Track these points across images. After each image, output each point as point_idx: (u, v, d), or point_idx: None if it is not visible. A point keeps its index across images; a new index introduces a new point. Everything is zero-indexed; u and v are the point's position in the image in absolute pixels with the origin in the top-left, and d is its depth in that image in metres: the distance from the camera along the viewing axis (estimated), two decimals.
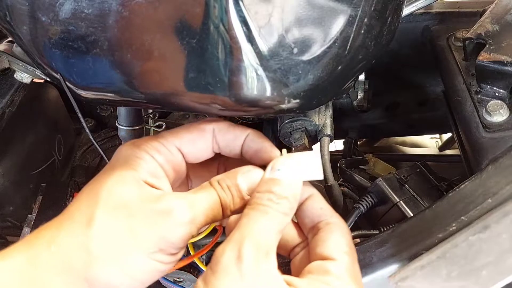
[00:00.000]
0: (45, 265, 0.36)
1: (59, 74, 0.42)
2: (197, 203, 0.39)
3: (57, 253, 0.37)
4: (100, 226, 0.37)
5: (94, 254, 0.36)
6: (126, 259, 0.36)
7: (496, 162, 0.45)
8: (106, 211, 0.38)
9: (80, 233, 0.37)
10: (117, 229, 0.37)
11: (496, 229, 0.38)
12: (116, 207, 0.38)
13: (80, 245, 0.37)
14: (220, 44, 0.37)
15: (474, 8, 0.66)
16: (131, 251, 0.36)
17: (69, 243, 0.37)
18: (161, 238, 0.37)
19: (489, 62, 0.50)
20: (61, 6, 0.37)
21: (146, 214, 0.38)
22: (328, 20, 0.37)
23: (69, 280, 0.36)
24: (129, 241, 0.37)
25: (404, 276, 0.41)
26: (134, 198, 0.38)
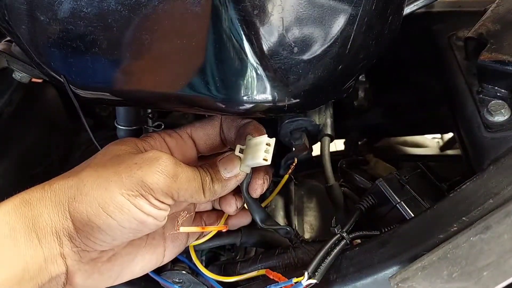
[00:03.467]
0: (37, 202, 0.39)
1: (62, 76, 0.42)
2: (184, 167, 0.42)
3: (49, 191, 0.40)
4: (91, 170, 0.41)
5: (81, 191, 0.39)
6: (106, 196, 0.38)
7: (498, 162, 0.45)
8: (99, 160, 0.42)
9: (73, 176, 0.41)
10: (105, 172, 0.40)
11: (498, 229, 0.38)
12: (110, 158, 0.42)
13: (71, 185, 0.40)
14: (220, 43, 0.36)
15: (475, 7, 0.65)
16: (112, 190, 0.39)
17: (61, 184, 0.41)
18: (142, 181, 0.39)
19: (490, 61, 0.49)
20: (59, 5, 0.37)
21: (134, 161, 0.40)
22: (329, 19, 0.37)
23: (55, 214, 0.39)
24: (112, 182, 0.39)
25: (405, 277, 0.40)
26: (127, 152, 0.42)
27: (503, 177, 0.43)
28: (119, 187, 0.39)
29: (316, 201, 0.71)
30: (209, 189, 0.43)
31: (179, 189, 0.40)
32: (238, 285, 0.53)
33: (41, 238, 0.39)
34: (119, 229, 0.39)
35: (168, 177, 0.40)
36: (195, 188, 0.42)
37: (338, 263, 0.47)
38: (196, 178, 0.42)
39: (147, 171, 0.39)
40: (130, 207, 0.39)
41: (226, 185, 0.45)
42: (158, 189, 0.39)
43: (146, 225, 0.40)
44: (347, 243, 0.47)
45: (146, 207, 0.39)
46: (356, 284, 0.44)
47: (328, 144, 0.56)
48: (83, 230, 0.39)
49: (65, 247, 0.40)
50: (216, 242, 0.54)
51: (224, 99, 0.40)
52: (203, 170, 0.44)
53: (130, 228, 0.40)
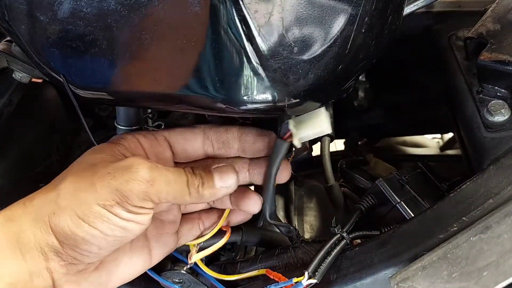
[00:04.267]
0: (19, 218, 0.40)
1: (62, 76, 0.42)
2: (162, 171, 0.41)
3: (30, 207, 0.41)
4: (67, 182, 0.41)
5: (59, 206, 0.40)
6: (85, 209, 0.39)
7: (498, 162, 0.45)
8: (76, 171, 0.42)
9: (51, 190, 0.41)
10: (81, 183, 0.40)
11: (498, 229, 0.38)
12: (85, 168, 0.42)
13: (50, 199, 0.41)
14: (219, 43, 0.36)
15: (475, 7, 0.66)
16: (90, 202, 0.39)
17: (41, 199, 0.41)
18: (117, 190, 0.39)
19: (490, 61, 0.49)
20: (59, 5, 0.37)
21: (108, 170, 0.41)
22: (329, 19, 0.37)
23: (37, 229, 0.40)
24: (89, 194, 0.39)
25: (405, 277, 0.40)
26: (103, 160, 0.42)
27: (503, 177, 0.43)
28: (95, 198, 0.39)
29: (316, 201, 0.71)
30: (196, 192, 0.43)
31: (158, 192, 0.41)
32: (238, 285, 0.53)
33: (25, 253, 0.39)
34: (103, 237, 0.40)
35: (143, 183, 0.40)
36: (177, 190, 0.42)
37: (338, 263, 0.47)
38: (178, 180, 0.42)
39: (120, 180, 0.40)
40: (109, 215, 0.39)
41: (215, 194, 0.45)
42: (133, 196, 0.39)
43: (129, 231, 0.41)
44: (347, 243, 0.48)
45: (124, 214, 0.40)
46: (356, 284, 0.44)
47: (328, 144, 0.56)
48: (67, 243, 0.40)
49: (52, 262, 0.40)
50: (217, 241, 0.54)
51: (223, 99, 0.40)
52: (193, 173, 0.44)
53: (114, 236, 0.40)
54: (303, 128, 0.44)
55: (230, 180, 0.45)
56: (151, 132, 0.49)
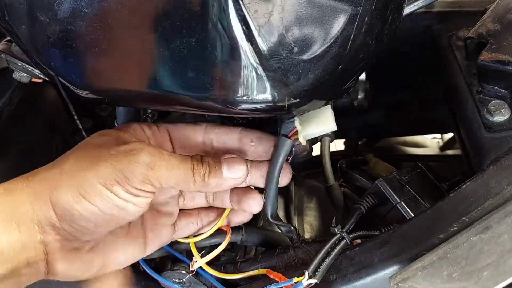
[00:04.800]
0: (19, 191, 0.41)
1: (55, 76, 0.42)
2: (164, 156, 0.42)
3: (32, 181, 0.41)
4: (72, 161, 0.42)
5: (61, 181, 0.41)
6: (86, 186, 0.40)
7: (498, 162, 0.45)
8: (81, 151, 0.43)
9: (55, 167, 0.42)
10: (84, 163, 0.41)
11: (498, 229, 0.38)
12: (90, 149, 0.43)
13: (52, 175, 0.42)
14: (219, 43, 0.36)
15: (475, 7, 0.65)
16: (91, 180, 0.40)
17: (43, 174, 0.42)
18: (118, 171, 0.40)
19: (490, 61, 0.49)
20: (59, 5, 0.37)
21: (111, 152, 0.42)
22: (329, 19, 0.37)
23: (36, 202, 0.40)
24: (91, 172, 0.41)
25: (405, 277, 0.40)
26: (108, 142, 0.44)
27: (503, 177, 0.43)
28: (97, 177, 0.40)
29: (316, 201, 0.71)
30: (202, 180, 0.44)
31: (159, 176, 0.41)
32: (238, 285, 0.53)
33: (21, 225, 0.40)
34: (101, 215, 0.41)
35: (143, 166, 0.41)
36: (180, 176, 0.43)
37: (338, 263, 0.47)
38: (182, 166, 0.43)
39: (123, 161, 0.41)
40: (109, 194, 0.40)
41: (222, 184, 0.45)
42: (133, 177, 0.41)
43: (127, 212, 0.42)
44: (347, 243, 0.48)
45: (124, 194, 0.41)
46: (356, 284, 0.44)
47: (328, 144, 0.56)
48: (65, 218, 0.40)
49: (47, 235, 0.40)
50: (217, 240, 0.54)
51: (223, 99, 0.40)
52: (201, 161, 0.44)
53: (112, 215, 0.41)
54: (309, 125, 0.45)
55: (239, 171, 0.45)
56: (154, 124, 0.50)
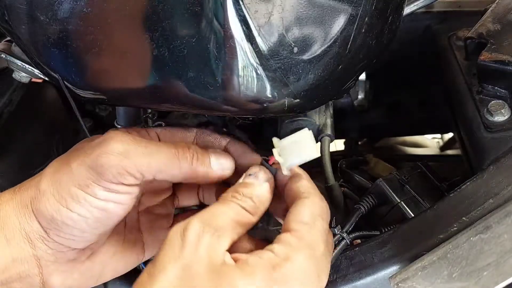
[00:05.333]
0: (5, 204, 0.40)
1: (57, 74, 0.42)
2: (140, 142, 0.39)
3: (17, 193, 0.41)
4: (50, 168, 0.41)
5: (39, 190, 0.39)
6: (61, 191, 0.38)
7: (498, 162, 0.45)
8: (62, 157, 0.41)
9: (37, 176, 0.41)
10: (60, 166, 0.40)
11: (498, 229, 0.38)
12: (68, 153, 0.42)
13: (32, 184, 0.41)
14: (219, 43, 0.36)
15: (475, 7, 0.66)
16: (66, 183, 0.38)
17: (25, 185, 0.41)
18: (90, 168, 0.38)
19: (490, 61, 0.49)
20: (59, 5, 0.37)
21: (84, 149, 0.40)
22: (329, 19, 0.37)
23: (21, 215, 0.39)
24: (65, 175, 0.39)
25: (405, 277, 0.40)
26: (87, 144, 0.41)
27: (503, 177, 0.43)
28: (71, 179, 0.38)
29: None
30: (189, 165, 0.41)
31: (137, 165, 0.38)
32: None
33: (10, 239, 0.39)
34: (83, 220, 0.39)
35: (115, 156, 0.38)
36: (162, 162, 0.39)
37: (338, 263, 0.47)
38: (164, 151, 0.40)
39: (94, 156, 0.38)
40: (86, 196, 0.38)
41: (209, 174, 0.42)
42: (107, 172, 0.37)
43: (109, 212, 0.39)
44: (347, 243, 0.47)
45: (102, 193, 0.38)
46: (356, 284, 0.44)
47: (328, 144, 0.56)
48: (50, 228, 0.39)
49: (38, 250, 0.39)
50: None
51: (223, 99, 0.40)
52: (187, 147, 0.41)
53: (94, 218, 0.39)
54: (290, 156, 0.42)
55: (227, 163, 0.43)
56: (144, 128, 0.48)
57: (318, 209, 0.40)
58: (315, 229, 0.38)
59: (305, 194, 0.41)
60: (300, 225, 0.38)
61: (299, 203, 0.40)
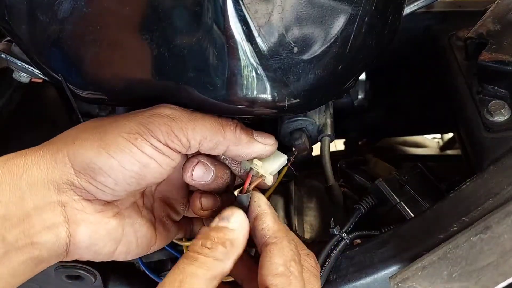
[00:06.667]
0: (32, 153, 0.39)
1: (60, 75, 0.42)
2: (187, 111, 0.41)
3: (46, 144, 0.40)
4: (88, 123, 0.41)
5: (80, 137, 0.39)
6: (106, 138, 0.38)
7: (498, 162, 0.45)
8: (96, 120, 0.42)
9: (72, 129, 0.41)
10: (102, 121, 0.40)
11: (498, 229, 0.38)
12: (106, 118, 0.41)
13: (70, 134, 0.40)
14: (219, 43, 0.36)
15: (475, 7, 0.66)
16: (112, 132, 0.38)
17: (60, 136, 0.41)
18: (141, 124, 0.38)
19: (490, 61, 0.49)
20: (59, 5, 0.37)
21: (129, 114, 0.40)
22: (329, 19, 0.37)
23: (52, 161, 0.38)
24: (111, 126, 0.39)
25: (405, 277, 0.40)
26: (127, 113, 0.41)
27: (503, 177, 0.43)
28: (118, 129, 0.38)
29: (316, 201, 0.71)
30: (233, 133, 0.41)
31: (183, 127, 0.39)
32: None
33: (32, 184, 0.37)
34: (121, 171, 0.38)
35: (165, 117, 0.39)
36: (207, 128, 0.40)
37: (338, 263, 0.47)
38: (207, 118, 0.41)
39: (145, 115, 0.39)
40: (131, 147, 0.38)
41: (252, 147, 0.43)
42: (156, 129, 0.38)
43: (149, 170, 0.39)
44: (347, 243, 0.47)
45: (147, 148, 0.38)
46: (356, 284, 0.44)
47: (328, 144, 0.56)
48: (84, 174, 0.38)
49: (64, 195, 0.38)
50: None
51: (223, 99, 0.40)
52: (230, 120, 0.42)
53: (133, 171, 0.38)
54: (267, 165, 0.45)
55: (269, 139, 0.44)
56: None
57: (289, 253, 0.39)
58: (292, 277, 0.37)
59: (271, 239, 0.40)
60: (276, 279, 0.37)
61: (268, 251, 0.39)
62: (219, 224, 0.40)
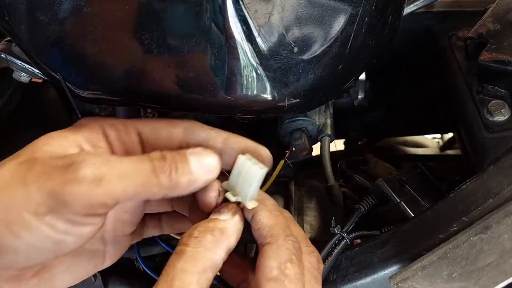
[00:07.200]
0: None
1: (59, 74, 0.42)
2: (114, 164, 0.33)
3: None
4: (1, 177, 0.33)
5: None
6: (11, 215, 0.32)
7: (498, 162, 0.45)
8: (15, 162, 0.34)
9: None
10: (13, 181, 0.33)
11: (498, 229, 0.38)
12: (26, 160, 0.34)
13: None
14: (219, 43, 0.36)
15: (475, 7, 0.65)
16: (17, 207, 0.32)
17: None
18: (52, 194, 0.31)
19: (490, 61, 0.49)
20: (59, 5, 0.37)
21: (45, 168, 0.33)
22: (329, 19, 0.37)
23: None
24: (18, 196, 0.32)
25: (405, 277, 0.40)
26: (48, 152, 0.35)
27: (503, 177, 0.43)
28: (25, 202, 0.32)
29: (316, 201, 0.71)
30: (168, 180, 0.34)
31: (110, 191, 0.32)
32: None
33: None
34: (31, 250, 0.33)
35: (86, 184, 0.31)
36: (139, 182, 0.33)
37: (338, 263, 0.47)
38: (139, 169, 0.34)
39: (58, 181, 0.32)
40: (40, 226, 0.32)
41: (194, 181, 0.35)
42: (74, 202, 0.31)
43: (66, 244, 0.33)
44: (347, 243, 0.48)
45: (62, 225, 0.32)
46: (356, 284, 0.44)
47: (328, 144, 0.56)
48: None
49: None
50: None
51: (223, 99, 0.40)
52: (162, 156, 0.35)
53: (46, 248, 0.33)
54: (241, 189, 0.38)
55: (211, 162, 0.36)
56: (122, 120, 0.40)
57: (284, 254, 0.36)
58: (287, 280, 0.35)
59: (266, 239, 0.37)
60: (269, 284, 0.34)
61: (262, 253, 0.36)
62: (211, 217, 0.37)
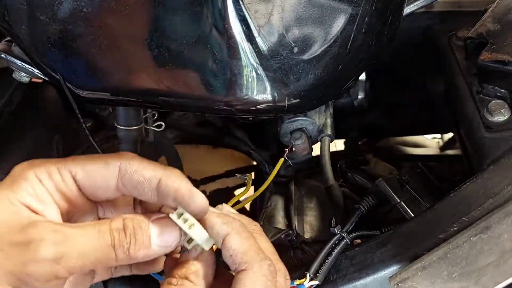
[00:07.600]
0: None
1: (59, 74, 0.42)
2: (74, 239, 0.33)
3: None
4: None
5: None
6: None
7: (498, 162, 0.45)
8: None
9: None
10: None
11: (498, 229, 0.38)
12: None
13: None
14: (219, 43, 0.36)
15: (475, 7, 0.66)
16: None
17: None
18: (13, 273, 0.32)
19: (490, 61, 0.49)
20: (59, 5, 0.37)
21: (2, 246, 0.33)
22: (329, 19, 0.37)
23: None
24: None
25: (405, 277, 0.40)
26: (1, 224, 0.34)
27: (503, 177, 0.43)
28: None
29: (316, 201, 0.71)
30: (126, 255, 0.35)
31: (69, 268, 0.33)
32: None
33: None
34: None
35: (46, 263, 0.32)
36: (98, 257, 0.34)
37: (338, 263, 0.47)
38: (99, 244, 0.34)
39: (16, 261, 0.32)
40: None
41: (150, 256, 0.36)
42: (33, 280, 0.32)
43: None
44: (347, 243, 0.48)
45: None
46: (356, 284, 0.44)
47: (328, 144, 0.56)
48: None
49: None
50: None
51: (223, 99, 0.40)
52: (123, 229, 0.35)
53: None
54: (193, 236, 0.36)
55: (171, 238, 0.36)
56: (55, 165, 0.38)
57: (261, 281, 0.35)
58: None
59: (241, 266, 0.36)
60: None
61: (237, 281, 0.35)
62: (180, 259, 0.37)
